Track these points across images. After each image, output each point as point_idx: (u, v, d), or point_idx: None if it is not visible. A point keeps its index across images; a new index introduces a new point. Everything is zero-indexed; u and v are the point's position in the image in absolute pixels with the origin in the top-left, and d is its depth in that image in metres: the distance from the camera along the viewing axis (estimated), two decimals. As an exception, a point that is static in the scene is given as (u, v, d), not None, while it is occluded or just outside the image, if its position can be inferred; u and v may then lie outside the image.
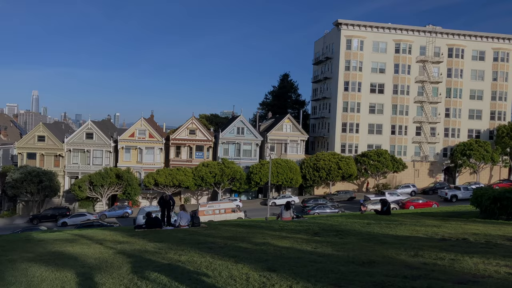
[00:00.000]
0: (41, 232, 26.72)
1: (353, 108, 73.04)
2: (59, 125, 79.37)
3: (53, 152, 64.94)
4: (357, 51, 73.09)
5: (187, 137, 68.02)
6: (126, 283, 7.62)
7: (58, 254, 11.27)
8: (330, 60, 77.70)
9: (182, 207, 18.78)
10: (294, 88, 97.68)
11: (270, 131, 70.66)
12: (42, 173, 58.01)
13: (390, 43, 74.15)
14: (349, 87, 72.92)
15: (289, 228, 15.53)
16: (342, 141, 73.14)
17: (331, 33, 78.05)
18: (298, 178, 65.30)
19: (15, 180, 56.16)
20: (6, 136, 66.97)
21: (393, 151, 72.94)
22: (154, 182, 61.69)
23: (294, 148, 71.46)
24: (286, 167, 64.00)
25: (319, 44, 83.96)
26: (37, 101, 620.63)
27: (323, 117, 78.36)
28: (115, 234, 15.70)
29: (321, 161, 66.02)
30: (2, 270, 9.29)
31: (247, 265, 8.45)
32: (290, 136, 70.97)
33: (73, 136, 65.98)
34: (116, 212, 56.71)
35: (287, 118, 71.51)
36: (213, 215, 45.06)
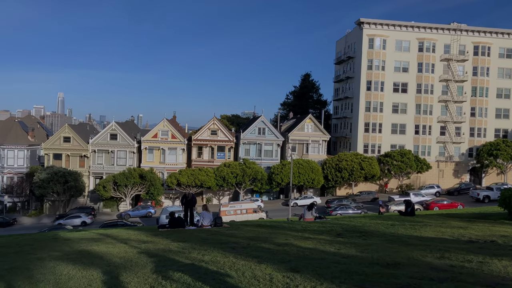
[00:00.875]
0: (67, 231, 27.30)
1: (376, 108, 72.22)
2: (84, 126, 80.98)
3: (78, 153, 66.31)
4: (379, 50, 72.25)
5: (208, 138, 68.45)
6: (150, 282, 7.71)
7: (84, 253, 11.48)
8: (352, 60, 77.01)
9: (205, 207, 18.89)
10: (315, 88, 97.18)
11: (291, 131, 70.46)
12: (68, 174, 59.26)
13: (413, 41, 73.02)
14: (371, 86, 72.15)
15: (312, 229, 15.45)
16: (365, 141, 72.40)
17: (353, 32, 77.35)
18: (320, 179, 64.92)
19: (42, 180, 57.53)
20: (34, 137, 68.64)
21: (416, 151, 71.82)
22: (177, 182, 62.28)
23: (316, 149, 71.07)
24: (308, 168, 63.71)
25: (341, 44, 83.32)
26: (63, 103, 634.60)
27: (345, 117, 77.72)
28: (139, 234, 15.90)
29: (343, 161, 65.49)
30: (31, 268, 9.52)
31: (270, 266, 8.44)
32: (312, 137, 70.61)
33: (97, 137, 67.21)
34: (139, 212, 57.48)
35: (309, 118, 71.19)
36: (234, 215, 45.25)
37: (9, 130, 67.43)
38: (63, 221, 52.70)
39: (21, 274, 9.01)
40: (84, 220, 52.73)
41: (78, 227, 49.23)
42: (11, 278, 8.65)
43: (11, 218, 56.71)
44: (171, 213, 18.84)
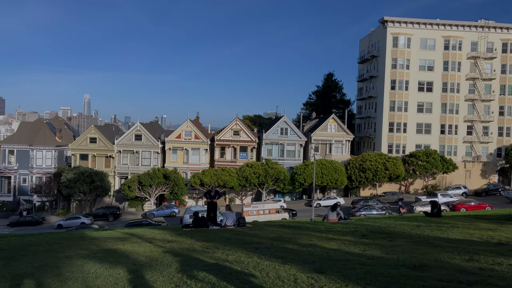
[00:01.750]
0: (94, 230, 27.82)
1: (400, 107, 71.16)
2: (110, 127, 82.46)
3: (104, 153, 67.56)
4: (404, 49, 71.16)
5: (231, 138, 68.72)
6: (176, 281, 7.78)
7: (110, 251, 11.68)
8: (376, 59, 76.09)
9: (228, 207, 18.97)
10: (338, 88, 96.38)
11: (314, 131, 70.07)
12: (94, 174, 60.43)
13: (439, 39, 71.64)
14: (396, 85, 71.14)
15: (336, 229, 15.33)
16: (389, 141, 71.41)
17: (377, 31, 76.42)
18: (344, 179, 64.37)
19: (69, 180, 58.82)
20: (61, 138, 70.27)
21: (442, 151, 70.43)
22: (200, 182, 62.75)
23: (339, 149, 70.49)
24: (331, 168, 63.25)
25: (364, 43, 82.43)
26: (89, 104, 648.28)
27: (369, 117, 76.84)
28: (163, 233, 16.08)
29: (367, 161, 64.76)
30: (60, 266, 9.74)
31: (294, 266, 8.41)
32: (335, 137, 70.06)
33: (123, 137, 68.33)
34: (163, 211, 58.15)
35: (332, 118, 70.66)
36: (257, 215, 45.26)
37: (37, 131, 69.24)
38: (63, 222, 53.56)
39: (51, 271, 9.23)
40: (83, 221, 53.49)
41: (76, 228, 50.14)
42: (41, 276, 8.87)
43: (40, 217, 58.22)
44: (195, 212, 19.01)
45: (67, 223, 52.77)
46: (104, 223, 54.02)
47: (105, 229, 30.21)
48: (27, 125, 76.17)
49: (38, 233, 27.56)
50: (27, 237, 20.70)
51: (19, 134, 70.32)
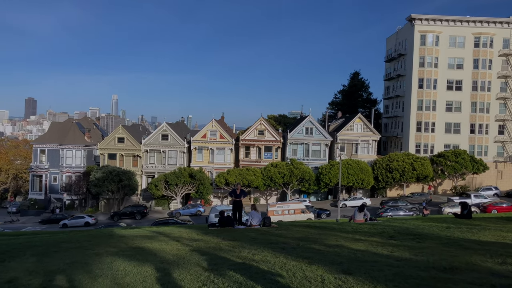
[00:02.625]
0: (122, 228, 28.35)
1: (428, 106, 69.77)
2: (137, 127, 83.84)
3: (131, 153, 68.75)
4: (432, 47, 69.73)
5: (256, 138, 68.82)
6: (203, 280, 7.84)
7: (138, 249, 11.86)
8: (403, 57, 74.83)
9: (253, 207, 19.00)
10: (365, 87, 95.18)
11: (340, 131, 69.44)
12: (122, 173, 61.55)
13: (469, 37, 69.88)
14: (423, 84, 69.79)
15: (363, 230, 15.14)
16: (417, 141, 70.11)
17: (404, 29, 75.14)
18: (370, 180, 63.56)
19: (98, 179, 60.10)
20: (90, 138, 71.88)
21: (472, 151, 68.65)
22: (225, 182, 63.09)
23: (366, 149, 69.64)
24: (357, 168, 62.56)
25: (391, 41, 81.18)
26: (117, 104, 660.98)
27: (396, 116, 75.61)
28: (190, 232, 16.23)
29: (394, 161, 63.76)
30: (90, 263, 9.96)
31: (321, 267, 8.35)
32: (361, 136, 69.26)
33: (149, 137, 69.36)
34: (189, 210, 58.74)
35: (358, 118, 69.87)
36: (282, 215, 45.21)
37: (67, 131, 71.03)
38: (68, 221, 54.50)
39: (81, 268, 9.45)
40: (87, 221, 54.46)
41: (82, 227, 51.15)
42: (72, 272, 9.08)
43: (70, 215, 59.69)
44: (220, 212, 19.10)
45: (72, 222, 53.96)
46: (132, 221, 54.95)
47: (133, 227, 30.75)
48: (58, 125, 78.21)
49: (68, 231, 28.27)
50: (58, 234, 21.26)
51: (50, 134, 72.29)
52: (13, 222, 59.00)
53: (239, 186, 19.98)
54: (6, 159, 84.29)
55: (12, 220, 60.61)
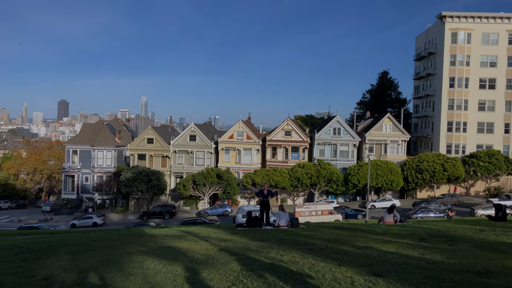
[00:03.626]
0: (151, 227, 28.77)
1: (460, 106, 68.00)
2: (166, 128, 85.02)
3: (160, 153, 69.80)
4: (463, 45, 67.93)
5: (282, 138, 68.68)
6: (232, 279, 7.89)
7: (168, 248, 12.03)
8: (433, 56, 73.23)
9: (281, 207, 18.97)
10: (394, 86, 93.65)
11: (368, 131, 68.52)
12: (151, 173, 62.53)
13: (503, 33, 67.75)
14: (455, 83, 68.07)
15: (393, 232, 14.90)
16: (448, 141, 68.44)
17: (434, 27, 73.52)
18: (399, 181, 62.45)
19: (128, 179, 61.25)
20: (120, 138, 73.36)
21: (507, 152, 66.52)
22: (252, 182, 63.22)
23: (395, 149, 68.47)
24: (386, 169, 61.59)
25: (421, 39, 79.56)
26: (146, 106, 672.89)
27: (426, 116, 74.04)
28: (218, 232, 16.35)
29: (424, 162, 62.44)
30: (122, 262, 10.17)
31: (351, 269, 8.27)
32: (390, 136, 68.13)
33: (178, 138, 70.24)
34: (217, 210, 59.14)
35: (387, 118, 68.76)
36: (309, 216, 44.91)
37: (98, 132, 72.71)
38: (77, 221, 55.28)
39: (113, 267, 9.67)
40: (95, 221, 55.21)
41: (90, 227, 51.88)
42: (105, 270, 9.31)
43: (101, 214, 61.06)
44: (248, 212, 19.16)
45: (80, 222, 54.86)
46: (160, 221, 55.74)
47: (162, 226, 31.18)
48: (89, 126, 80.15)
49: (100, 230, 28.91)
50: (90, 233, 21.79)
51: (82, 135, 74.16)
52: (47, 220, 60.81)
53: (266, 186, 20.00)
54: (40, 160, 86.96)
55: (46, 218, 62.51)
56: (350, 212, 52.68)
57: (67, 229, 46.46)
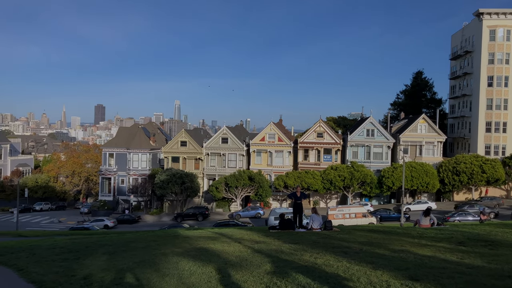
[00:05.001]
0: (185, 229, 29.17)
1: (499, 105, 65.70)
2: (198, 131, 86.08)
3: (193, 156, 70.74)
4: (502, 42, 65.63)
5: (314, 140, 68.24)
6: (266, 282, 7.91)
7: (202, 250, 12.19)
8: (470, 54, 71.07)
9: (314, 210, 18.84)
10: (429, 86, 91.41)
11: (403, 132, 67.14)
12: (185, 175, 63.45)
13: (545, 29, 64.99)
14: (493, 82, 65.83)
15: (429, 235, 14.55)
16: (486, 142, 66.22)
17: (471, 25, 71.36)
18: (435, 183, 60.85)
19: (162, 181, 62.37)
20: (155, 142, 74.78)
21: (551, 153, 63.66)
22: (284, 185, 63.08)
23: (430, 150, 66.78)
24: (422, 171, 60.15)
25: (457, 38, 77.38)
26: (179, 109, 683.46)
27: (463, 116, 71.90)
28: (251, 234, 16.41)
29: (461, 164, 60.61)
30: (157, 262, 10.39)
31: (386, 272, 8.14)
32: (426, 138, 66.53)
33: (210, 141, 70.99)
34: (249, 212, 59.30)
35: (422, 118, 67.18)
36: (343, 219, 44.37)
37: (134, 135, 74.37)
38: (88, 224, 55.67)
39: (149, 267, 9.88)
40: (106, 224, 55.75)
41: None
42: (141, 271, 9.53)
43: (136, 216, 62.40)
44: (281, 214, 19.14)
45: (93, 224, 55.38)
46: (194, 222, 56.38)
47: (195, 228, 31.56)
48: (125, 130, 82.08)
49: (135, 231, 29.55)
50: (126, 234, 22.31)
51: (118, 139, 76.04)
52: (85, 222, 62.64)
53: (299, 188, 19.90)
54: (78, 163, 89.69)
55: (84, 220, 64.38)
56: (393, 214, 51.36)
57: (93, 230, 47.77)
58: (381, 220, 48.82)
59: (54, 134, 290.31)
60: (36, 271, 10.05)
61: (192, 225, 51.62)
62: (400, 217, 49.45)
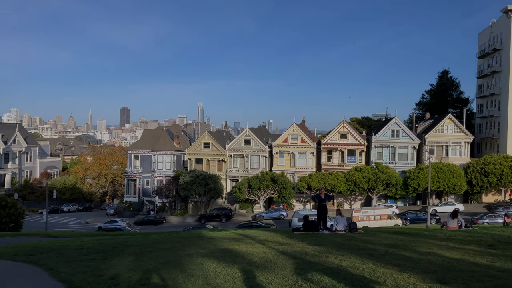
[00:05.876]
0: (209, 230, 29.32)
1: (530, 104, 63.75)
2: (221, 133, 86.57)
3: (216, 157, 71.19)
4: (533, 39, 63.73)
5: (338, 141, 67.69)
6: (290, 283, 7.90)
7: (227, 251, 12.24)
8: (498, 52, 69.30)
9: (338, 211, 18.69)
10: (455, 85, 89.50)
11: (428, 133, 65.93)
12: (208, 177, 63.91)
13: None
14: (523, 80, 63.93)
15: (457, 238, 14.24)
16: (516, 142, 64.34)
17: (499, 22, 69.60)
18: (463, 184, 59.49)
19: (186, 182, 62.97)
20: (179, 143, 75.61)
21: None
22: (307, 186, 62.78)
23: (457, 151, 65.36)
24: (448, 172, 58.92)
25: (484, 35, 75.56)
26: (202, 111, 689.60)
27: (492, 116, 70.12)
28: (275, 235, 16.39)
29: (490, 165, 59.08)
30: (182, 263, 10.48)
31: (413, 275, 8.01)
32: (452, 138, 65.15)
33: (233, 142, 71.32)
34: (272, 214, 59.25)
35: (448, 118, 65.84)
36: (367, 221, 43.89)
37: (158, 138, 75.38)
38: (103, 225, 56.51)
39: (175, 268, 9.99)
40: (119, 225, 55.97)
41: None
42: (167, 271, 9.64)
43: (161, 217, 63.13)
44: (304, 216, 19.04)
45: (106, 226, 56.34)
46: (217, 223, 56.65)
47: (219, 229, 31.71)
48: (149, 132, 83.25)
49: (160, 232, 29.89)
50: (152, 235, 22.59)
51: (143, 141, 77.21)
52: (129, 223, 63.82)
53: (324, 190, 19.76)
54: (104, 165, 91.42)
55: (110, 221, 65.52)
56: (423, 216, 50.22)
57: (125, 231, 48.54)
58: (410, 222, 48.04)
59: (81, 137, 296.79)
60: (65, 270, 10.29)
61: (216, 226, 51.86)
62: (430, 219, 48.38)
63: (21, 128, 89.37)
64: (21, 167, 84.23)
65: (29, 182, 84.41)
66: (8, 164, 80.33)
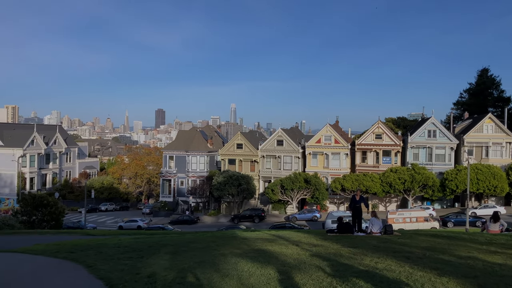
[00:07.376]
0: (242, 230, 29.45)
1: None
2: (254, 134, 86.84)
3: (249, 158, 71.48)
4: None
5: (373, 142, 66.57)
6: (325, 285, 7.83)
7: (260, 251, 12.27)
8: (542, 48, 66.29)
9: (374, 213, 18.40)
10: (495, 84, 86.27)
11: (467, 133, 63.85)
12: (241, 177, 64.24)
13: None
14: None
15: (499, 242, 13.74)
16: (562, 143, 61.38)
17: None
18: (504, 186, 57.28)
19: (219, 183, 63.54)
20: (212, 144, 76.42)
21: None
22: (341, 187, 62.06)
23: (498, 152, 62.99)
24: (488, 173, 56.87)
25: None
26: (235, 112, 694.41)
27: (535, 115, 67.16)
28: (308, 237, 16.30)
29: (533, 166, 56.65)
30: (217, 263, 10.59)
31: (453, 280, 7.79)
32: (492, 138, 62.84)
33: (265, 143, 71.40)
34: (305, 215, 58.88)
35: (488, 118, 63.55)
36: (403, 223, 42.97)
37: (192, 138, 76.42)
38: (123, 224, 57.66)
39: (209, 267, 10.10)
40: (139, 225, 56.91)
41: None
42: (202, 271, 9.76)
43: (195, 217, 63.93)
44: (339, 218, 18.87)
45: (126, 225, 57.65)
46: (250, 224, 56.82)
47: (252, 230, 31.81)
48: (184, 133, 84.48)
49: (195, 232, 30.28)
50: (186, 234, 22.92)
51: (177, 142, 78.47)
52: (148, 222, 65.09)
53: (359, 192, 19.53)
54: (140, 165, 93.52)
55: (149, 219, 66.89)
56: (472, 219, 48.13)
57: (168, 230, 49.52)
58: (454, 225, 47.07)
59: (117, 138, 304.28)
60: (104, 268, 10.59)
61: (249, 226, 52.03)
62: (474, 221, 46.46)
63: (61, 130, 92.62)
64: (61, 167, 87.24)
65: (69, 182, 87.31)
66: (49, 165, 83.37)
